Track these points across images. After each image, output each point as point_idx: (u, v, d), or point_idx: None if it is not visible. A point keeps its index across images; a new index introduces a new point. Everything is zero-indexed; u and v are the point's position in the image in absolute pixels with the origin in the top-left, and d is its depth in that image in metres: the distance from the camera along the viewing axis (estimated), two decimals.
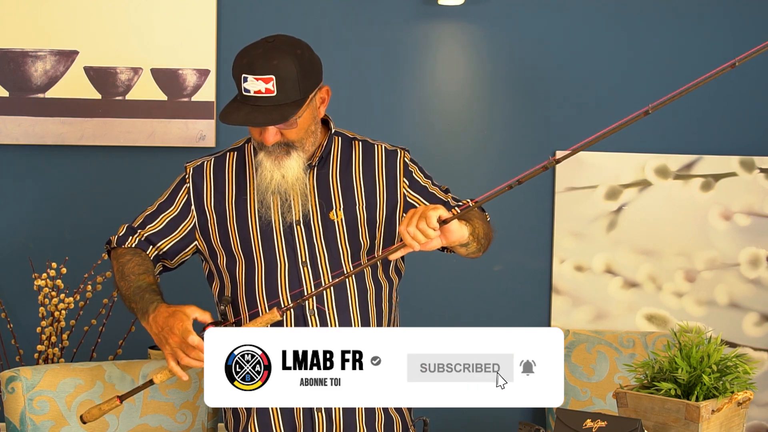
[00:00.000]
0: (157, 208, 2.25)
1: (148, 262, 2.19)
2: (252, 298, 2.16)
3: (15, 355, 2.86)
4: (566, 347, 3.00)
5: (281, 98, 2.02)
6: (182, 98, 2.96)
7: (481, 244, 2.14)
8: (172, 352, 1.98)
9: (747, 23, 3.17)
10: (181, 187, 2.24)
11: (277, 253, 2.15)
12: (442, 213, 1.93)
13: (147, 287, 2.10)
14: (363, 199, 2.19)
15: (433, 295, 3.12)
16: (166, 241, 2.23)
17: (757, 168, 3.15)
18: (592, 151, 3.12)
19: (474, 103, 3.11)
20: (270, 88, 2.01)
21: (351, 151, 2.23)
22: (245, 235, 2.16)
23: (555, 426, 1.87)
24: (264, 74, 2.01)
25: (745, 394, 1.87)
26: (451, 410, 3.13)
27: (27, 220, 2.97)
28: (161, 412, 2.42)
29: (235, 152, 2.25)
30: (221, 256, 2.20)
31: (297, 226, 2.15)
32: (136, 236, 2.23)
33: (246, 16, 3.00)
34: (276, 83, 2.01)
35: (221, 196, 2.20)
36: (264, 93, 2.02)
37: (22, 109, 2.92)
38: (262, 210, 2.15)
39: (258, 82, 2.01)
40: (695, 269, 3.15)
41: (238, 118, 2.02)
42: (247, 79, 2.02)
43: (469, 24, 3.08)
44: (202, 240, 2.22)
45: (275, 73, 2.01)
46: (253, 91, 2.02)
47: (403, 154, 2.26)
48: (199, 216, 2.21)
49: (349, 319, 2.15)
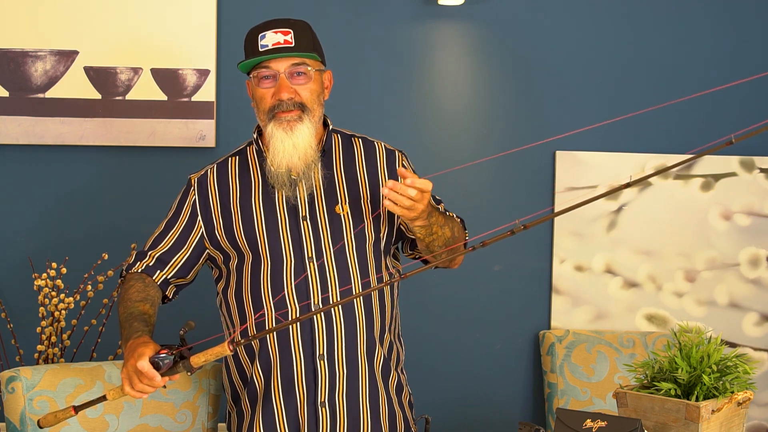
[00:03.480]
0: (165, 226, 2.25)
1: (150, 289, 2.19)
2: (257, 295, 2.17)
3: (15, 355, 2.86)
4: (566, 347, 3.00)
5: (300, 48, 2.10)
6: (182, 98, 2.96)
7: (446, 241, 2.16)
8: (127, 375, 1.96)
9: (748, 21, 3.17)
10: (185, 200, 2.25)
11: (283, 248, 2.15)
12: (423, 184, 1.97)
13: (139, 315, 2.09)
14: (368, 193, 2.21)
15: (433, 295, 3.12)
16: (179, 257, 2.23)
17: (757, 168, 3.15)
18: (592, 151, 3.12)
19: (474, 102, 3.11)
20: (288, 40, 2.09)
21: (352, 147, 2.26)
22: (251, 233, 2.17)
23: (555, 426, 1.87)
24: (282, 27, 2.09)
25: (745, 394, 1.87)
26: (451, 410, 3.14)
27: (27, 220, 2.97)
28: (161, 412, 2.42)
29: (236, 156, 2.26)
30: (233, 258, 2.21)
31: (303, 221, 2.16)
32: (146, 259, 2.22)
33: (246, 16, 3.00)
34: (294, 36, 2.09)
35: (227, 199, 2.21)
36: (282, 44, 2.09)
37: (22, 109, 2.92)
38: (272, 191, 2.16)
39: (277, 35, 2.09)
40: (695, 269, 3.15)
41: (261, 53, 2.09)
42: (265, 35, 2.09)
43: (469, 24, 3.08)
44: (213, 247, 2.23)
45: (292, 27, 2.10)
46: (271, 44, 2.09)
47: (402, 157, 2.29)
48: (206, 225, 2.22)
49: (353, 314, 2.16)
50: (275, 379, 2.16)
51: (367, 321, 2.18)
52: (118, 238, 2.91)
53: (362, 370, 2.17)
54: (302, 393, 2.14)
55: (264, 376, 2.18)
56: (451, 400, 3.13)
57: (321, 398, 2.14)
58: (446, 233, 2.16)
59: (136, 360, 1.93)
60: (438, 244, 2.16)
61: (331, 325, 2.14)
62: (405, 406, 2.28)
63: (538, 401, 3.15)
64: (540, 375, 3.14)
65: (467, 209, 3.10)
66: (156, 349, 1.95)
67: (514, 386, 3.16)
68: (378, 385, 2.20)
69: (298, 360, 2.14)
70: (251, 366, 2.19)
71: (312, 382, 2.14)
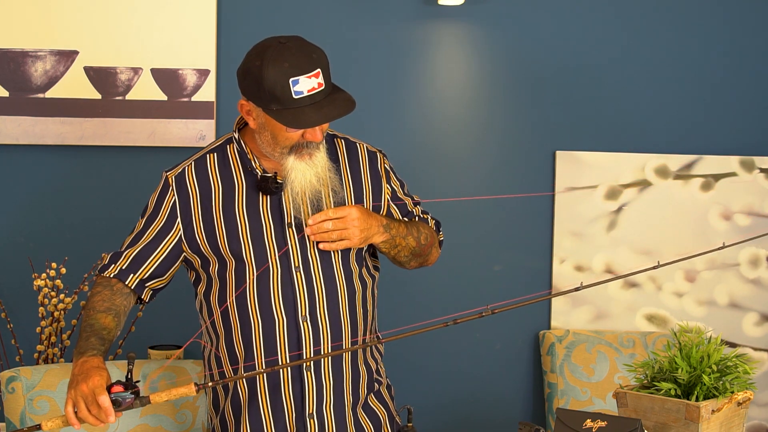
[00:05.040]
0: (142, 226, 2.18)
1: (116, 298, 2.12)
2: (243, 306, 2.12)
3: (15, 355, 2.86)
4: (566, 347, 3.00)
5: (328, 88, 2.03)
6: (182, 98, 2.96)
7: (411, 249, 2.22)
8: (74, 399, 1.90)
9: (748, 21, 3.17)
10: (163, 199, 2.17)
11: (269, 257, 2.11)
12: None
13: (99, 330, 2.04)
14: (352, 199, 2.18)
15: (433, 295, 3.12)
16: (154, 257, 2.15)
17: (757, 168, 3.15)
18: (592, 152, 3.12)
19: (474, 102, 3.11)
20: (321, 82, 2.01)
21: (335, 148, 2.22)
22: (235, 240, 2.12)
23: (555, 426, 1.87)
24: (312, 70, 1.99)
25: (745, 394, 1.87)
26: (451, 410, 3.14)
27: (27, 220, 2.97)
28: (161, 412, 2.42)
29: (215, 153, 2.19)
30: (213, 263, 2.15)
31: (289, 228, 2.12)
32: (120, 261, 2.15)
33: (246, 16, 3.00)
34: (323, 75, 2.01)
35: (208, 202, 2.15)
36: (317, 88, 2.00)
37: (22, 109, 2.92)
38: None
39: (310, 80, 1.99)
40: (695, 269, 3.15)
41: (318, 117, 2.00)
42: (299, 81, 1.98)
43: (469, 24, 3.08)
44: (191, 251, 2.16)
45: (319, 65, 2.01)
46: (306, 90, 1.99)
47: (383, 159, 2.27)
48: (185, 227, 2.15)
49: (339, 321, 2.14)
50: (262, 390, 2.14)
51: (351, 324, 2.17)
52: (117, 238, 2.89)
53: (346, 379, 2.17)
54: (290, 405, 2.13)
55: (249, 388, 2.15)
56: (451, 400, 3.13)
57: (309, 410, 2.13)
58: (410, 243, 2.20)
59: (89, 388, 1.88)
60: (404, 254, 2.22)
61: (318, 336, 2.12)
62: (386, 399, 2.28)
63: (538, 401, 3.15)
64: (540, 375, 3.14)
65: (467, 209, 3.11)
66: (107, 378, 1.90)
67: (514, 386, 3.16)
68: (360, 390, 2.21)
69: (285, 372, 2.12)
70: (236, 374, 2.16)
71: (299, 393, 2.12)
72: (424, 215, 2.31)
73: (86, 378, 1.90)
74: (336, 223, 2.07)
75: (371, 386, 2.24)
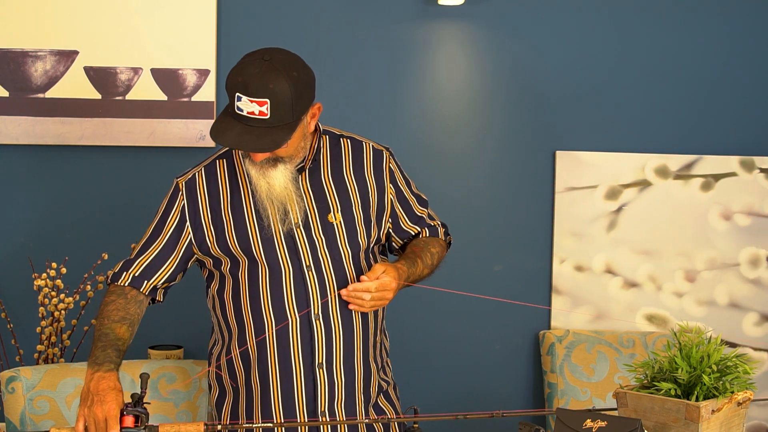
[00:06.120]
0: (152, 232, 2.19)
1: (131, 306, 2.13)
2: (257, 306, 2.15)
3: (15, 355, 2.86)
4: (566, 347, 3.00)
5: (273, 121, 1.99)
6: (182, 98, 2.96)
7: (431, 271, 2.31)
8: (87, 419, 1.90)
9: (746, 23, 3.17)
10: (173, 204, 2.19)
11: (280, 259, 2.13)
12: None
13: (115, 341, 2.03)
14: (358, 198, 2.20)
15: (433, 295, 3.11)
16: (167, 264, 2.18)
17: (757, 168, 3.15)
18: (592, 151, 3.12)
19: (474, 102, 3.11)
20: (264, 111, 1.97)
21: (339, 148, 2.23)
22: (245, 243, 2.14)
23: (555, 426, 1.87)
24: (259, 97, 1.97)
25: (745, 394, 1.87)
26: (451, 410, 3.13)
27: (27, 220, 2.97)
28: (161, 412, 2.42)
29: (224, 159, 2.22)
30: (225, 263, 2.18)
31: (297, 229, 2.14)
32: (132, 269, 2.16)
33: (246, 16, 3.00)
34: (270, 107, 1.97)
35: (217, 205, 2.17)
36: (257, 115, 1.98)
37: (22, 109, 2.92)
38: (261, 217, 2.14)
39: (252, 104, 1.97)
40: (695, 269, 3.15)
41: (231, 139, 1.99)
42: (241, 99, 1.98)
43: (469, 24, 3.08)
44: (202, 253, 2.19)
45: (270, 97, 1.97)
46: (246, 111, 1.98)
47: (389, 157, 2.27)
48: (195, 230, 2.17)
49: (351, 321, 2.17)
50: (275, 389, 2.16)
51: (362, 323, 2.19)
52: (117, 238, 2.90)
53: (358, 378, 2.19)
54: (302, 403, 2.15)
55: (261, 385, 2.17)
56: (452, 400, 3.13)
57: (321, 408, 2.15)
58: (425, 273, 2.27)
59: (103, 414, 1.87)
60: (425, 277, 2.29)
61: (330, 334, 2.14)
62: (394, 400, 2.31)
63: (538, 401, 3.15)
64: (540, 375, 3.14)
65: (467, 209, 3.11)
66: (121, 402, 1.90)
67: (513, 386, 3.16)
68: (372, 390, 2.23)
69: (297, 370, 2.14)
70: (249, 373, 2.19)
71: (312, 392, 2.14)
72: (431, 222, 2.34)
73: (102, 401, 1.89)
74: (374, 294, 2.10)
75: (380, 386, 2.26)
